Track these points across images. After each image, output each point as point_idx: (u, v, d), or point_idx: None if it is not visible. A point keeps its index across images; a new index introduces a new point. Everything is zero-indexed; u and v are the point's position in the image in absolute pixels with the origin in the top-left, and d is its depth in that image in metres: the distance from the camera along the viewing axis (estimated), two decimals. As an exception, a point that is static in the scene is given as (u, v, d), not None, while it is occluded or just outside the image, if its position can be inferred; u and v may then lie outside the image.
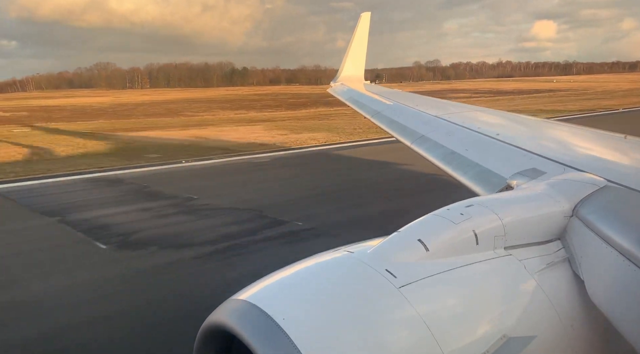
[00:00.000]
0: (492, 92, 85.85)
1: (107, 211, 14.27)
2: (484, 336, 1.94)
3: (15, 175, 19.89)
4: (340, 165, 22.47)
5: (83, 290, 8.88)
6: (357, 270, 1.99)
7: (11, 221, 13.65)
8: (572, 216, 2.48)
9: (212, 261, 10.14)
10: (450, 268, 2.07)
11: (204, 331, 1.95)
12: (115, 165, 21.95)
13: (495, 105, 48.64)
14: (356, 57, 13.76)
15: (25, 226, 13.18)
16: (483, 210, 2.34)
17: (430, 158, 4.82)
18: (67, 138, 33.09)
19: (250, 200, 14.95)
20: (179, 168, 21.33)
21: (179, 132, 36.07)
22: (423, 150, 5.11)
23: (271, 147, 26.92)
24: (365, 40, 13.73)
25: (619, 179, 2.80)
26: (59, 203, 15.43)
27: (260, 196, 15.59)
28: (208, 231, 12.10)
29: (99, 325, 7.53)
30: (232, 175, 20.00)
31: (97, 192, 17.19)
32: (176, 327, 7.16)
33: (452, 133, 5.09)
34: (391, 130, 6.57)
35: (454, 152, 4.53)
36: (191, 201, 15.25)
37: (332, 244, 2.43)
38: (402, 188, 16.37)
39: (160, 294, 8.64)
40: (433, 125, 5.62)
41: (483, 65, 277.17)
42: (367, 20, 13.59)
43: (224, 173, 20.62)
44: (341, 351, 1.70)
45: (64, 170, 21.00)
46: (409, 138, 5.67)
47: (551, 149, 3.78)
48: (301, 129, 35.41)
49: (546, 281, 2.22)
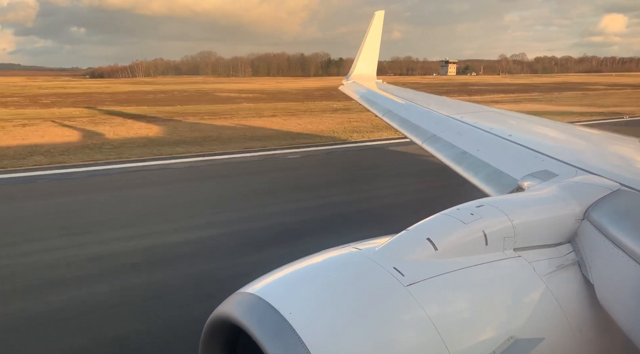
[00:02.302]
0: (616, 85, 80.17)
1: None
2: (491, 337, 1.93)
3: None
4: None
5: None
6: (365, 267, 1.99)
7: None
8: (583, 220, 2.45)
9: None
10: (458, 267, 2.06)
11: (211, 323, 1.96)
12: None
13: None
14: (369, 55, 13.74)
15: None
16: (493, 210, 2.33)
17: (441, 157, 4.80)
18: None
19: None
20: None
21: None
22: (434, 150, 5.08)
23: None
24: (379, 38, 13.69)
25: (632, 183, 2.76)
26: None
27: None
28: None
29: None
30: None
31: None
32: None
33: (463, 133, 5.06)
34: (402, 129, 6.56)
35: (465, 152, 4.51)
36: None
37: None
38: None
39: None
40: (444, 125, 5.60)
41: (568, 59, 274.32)
42: (381, 18, 13.55)
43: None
44: (347, 347, 1.71)
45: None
46: (420, 138, 5.65)
47: (563, 151, 3.74)
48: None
49: (555, 283, 2.20)
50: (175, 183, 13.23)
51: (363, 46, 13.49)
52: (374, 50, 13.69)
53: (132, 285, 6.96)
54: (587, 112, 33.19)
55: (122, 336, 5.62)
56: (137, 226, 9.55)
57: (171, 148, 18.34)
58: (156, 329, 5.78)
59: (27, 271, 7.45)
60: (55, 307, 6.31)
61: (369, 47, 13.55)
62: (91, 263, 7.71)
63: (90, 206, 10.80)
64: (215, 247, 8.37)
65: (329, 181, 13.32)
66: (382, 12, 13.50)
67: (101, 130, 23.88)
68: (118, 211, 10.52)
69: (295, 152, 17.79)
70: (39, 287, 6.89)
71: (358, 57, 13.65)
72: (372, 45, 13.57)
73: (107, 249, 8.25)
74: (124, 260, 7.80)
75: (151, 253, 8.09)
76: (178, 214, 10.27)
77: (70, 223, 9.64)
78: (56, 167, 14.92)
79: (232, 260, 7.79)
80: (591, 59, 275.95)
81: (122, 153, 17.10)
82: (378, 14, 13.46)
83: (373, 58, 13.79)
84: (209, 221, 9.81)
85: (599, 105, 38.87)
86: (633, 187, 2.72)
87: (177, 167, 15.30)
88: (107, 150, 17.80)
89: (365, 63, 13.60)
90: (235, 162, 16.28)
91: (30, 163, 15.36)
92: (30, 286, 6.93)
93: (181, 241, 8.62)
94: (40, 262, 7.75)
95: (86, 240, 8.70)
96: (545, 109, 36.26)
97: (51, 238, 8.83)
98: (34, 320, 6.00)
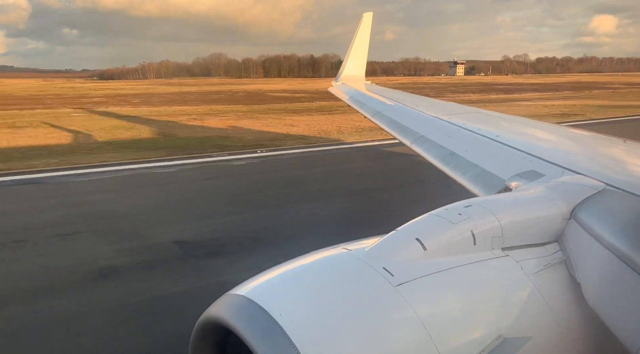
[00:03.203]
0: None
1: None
2: (479, 336, 1.94)
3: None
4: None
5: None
6: (355, 268, 1.99)
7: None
8: (569, 219, 2.48)
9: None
10: (447, 267, 2.07)
11: (200, 325, 1.95)
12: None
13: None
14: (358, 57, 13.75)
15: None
16: (481, 210, 2.34)
17: (429, 158, 4.82)
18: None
19: None
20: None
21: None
22: (422, 150, 5.11)
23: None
24: (367, 40, 13.72)
25: (618, 183, 2.80)
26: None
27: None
28: None
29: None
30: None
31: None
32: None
33: (451, 134, 5.09)
34: (391, 130, 6.58)
35: (454, 153, 4.54)
36: None
37: None
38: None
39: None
40: (433, 126, 5.63)
41: (569, 59, 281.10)
42: (369, 20, 13.59)
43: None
44: (337, 347, 1.71)
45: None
46: (409, 138, 5.67)
47: (550, 152, 3.78)
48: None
49: (543, 282, 2.22)
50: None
51: (352, 48, 13.52)
52: (363, 51, 13.72)
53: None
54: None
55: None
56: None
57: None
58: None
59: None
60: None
61: (357, 49, 13.57)
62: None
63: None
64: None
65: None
66: (370, 14, 13.54)
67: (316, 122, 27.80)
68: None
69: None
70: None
71: (347, 59, 13.67)
72: (360, 46, 13.60)
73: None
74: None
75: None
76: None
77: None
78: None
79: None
80: (591, 59, 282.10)
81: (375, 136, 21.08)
82: (366, 16, 13.49)
83: (362, 59, 13.82)
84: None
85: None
86: (618, 187, 2.76)
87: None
88: (367, 133, 22.29)
89: (354, 64, 13.61)
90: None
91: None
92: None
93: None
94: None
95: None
96: (605, 103, 39.35)
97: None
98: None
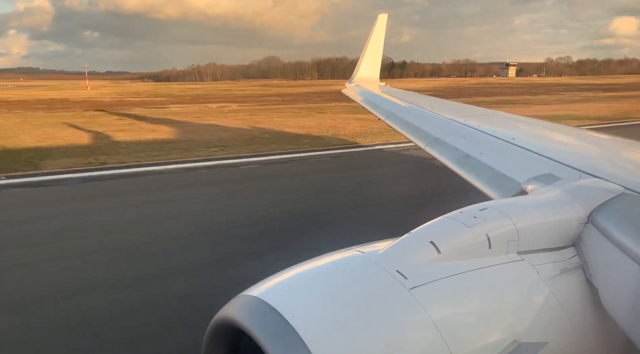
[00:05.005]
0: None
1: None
2: (494, 341, 1.92)
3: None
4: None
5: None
6: (368, 270, 1.99)
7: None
8: (587, 223, 2.44)
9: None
10: (462, 271, 2.05)
11: (214, 326, 1.96)
12: None
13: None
14: (372, 58, 13.74)
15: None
16: (497, 213, 2.32)
17: (444, 160, 4.79)
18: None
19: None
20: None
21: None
22: (437, 153, 5.08)
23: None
24: (382, 42, 13.71)
25: (637, 187, 2.75)
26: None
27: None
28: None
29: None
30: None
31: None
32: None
33: (466, 137, 5.05)
34: (405, 132, 6.55)
35: (469, 155, 4.50)
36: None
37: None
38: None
39: None
40: (448, 128, 5.59)
41: (610, 61, 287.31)
42: (384, 22, 13.57)
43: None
44: (349, 349, 1.70)
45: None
46: (423, 141, 5.64)
47: (567, 155, 3.73)
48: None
49: (559, 287, 2.19)
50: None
51: (366, 49, 13.51)
52: (377, 53, 13.70)
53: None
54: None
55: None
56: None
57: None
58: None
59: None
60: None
61: (372, 50, 13.56)
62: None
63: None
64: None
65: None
66: (385, 16, 13.52)
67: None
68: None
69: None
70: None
71: (361, 60, 13.66)
72: (375, 48, 13.59)
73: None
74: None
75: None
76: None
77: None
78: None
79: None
80: (632, 61, 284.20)
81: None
82: (381, 17, 13.47)
83: (376, 61, 13.80)
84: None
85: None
86: (638, 191, 2.71)
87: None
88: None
89: (369, 66, 13.60)
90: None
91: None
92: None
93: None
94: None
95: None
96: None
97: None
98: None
